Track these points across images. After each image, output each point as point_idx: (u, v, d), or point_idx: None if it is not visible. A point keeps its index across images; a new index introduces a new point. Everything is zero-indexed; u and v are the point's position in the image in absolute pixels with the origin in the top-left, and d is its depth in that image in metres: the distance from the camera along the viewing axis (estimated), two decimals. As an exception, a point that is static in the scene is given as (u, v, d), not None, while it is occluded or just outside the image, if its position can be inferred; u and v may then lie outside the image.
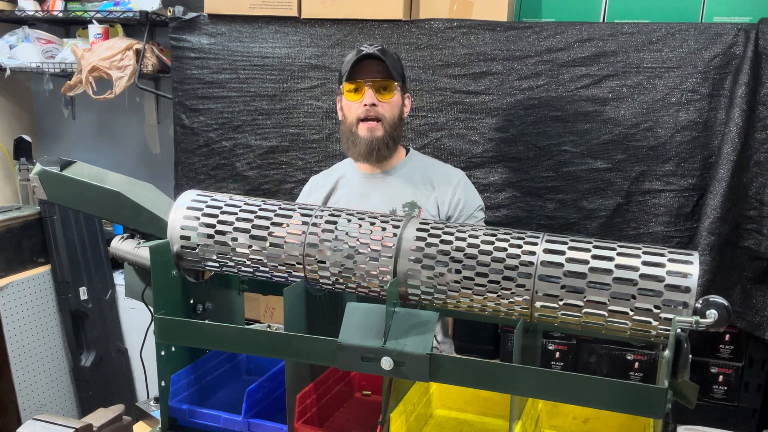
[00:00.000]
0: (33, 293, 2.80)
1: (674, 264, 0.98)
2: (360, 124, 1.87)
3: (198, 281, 1.33)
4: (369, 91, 1.85)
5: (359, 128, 1.88)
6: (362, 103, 1.86)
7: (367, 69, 1.86)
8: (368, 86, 1.85)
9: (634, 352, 2.32)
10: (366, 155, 1.90)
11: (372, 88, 1.85)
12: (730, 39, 2.11)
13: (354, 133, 1.89)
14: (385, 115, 1.87)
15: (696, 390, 0.94)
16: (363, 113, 1.86)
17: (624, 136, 2.24)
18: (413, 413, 1.24)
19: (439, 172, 1.99)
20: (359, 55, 1.86)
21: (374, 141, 1.87)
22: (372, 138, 1.87)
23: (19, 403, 2.73)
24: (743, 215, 2.13)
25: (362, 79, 1.86)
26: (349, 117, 1.90)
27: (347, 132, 1.92)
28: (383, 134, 1.88)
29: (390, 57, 1.89)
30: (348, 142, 1.93)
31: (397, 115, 1.91)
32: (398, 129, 1.92)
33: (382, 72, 1.86)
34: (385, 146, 1.89)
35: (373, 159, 1.91)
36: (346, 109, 1.92)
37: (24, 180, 3.20)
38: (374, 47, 1.88)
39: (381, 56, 1.85)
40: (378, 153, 1.89)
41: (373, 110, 1.86)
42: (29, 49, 3.09)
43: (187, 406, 1.28)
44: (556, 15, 2.43)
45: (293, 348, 1.11)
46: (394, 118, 1.90)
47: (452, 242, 1.09)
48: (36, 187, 1.33)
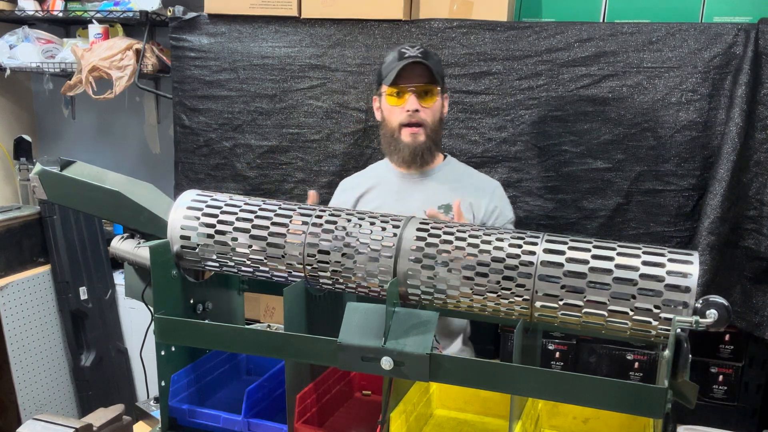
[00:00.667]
0: (33, 293, 2.80)
1: (674, 264, 0.98)
2: (403, 130, 1.86)
3: (198, 281, 1.33)
4: (412, 97, 1.83)
5: (402, 134, 1.86)
6: (405, 108, 1.84)
7: (410, 73, 1.83)
8: (411, 91, 1.83)
9: (634, 352, 2.32)
10: (410, 161, 1.90)
11: (415, 94, 1.83)
12: (730, 39, 2.11)
13: (396, 139, 1.88)
14: (428, 120, 1.85)
15: (696, 390, 0.94)
16: (406, 119, 1.84)
17: (624, 136, 2.24)
18: (413, 413, 1.24)
19: (476, 178, 1.99)
20: (404, 61, 1.82)
21: (417, 147, 1.87)
22: (415, 144, 1.86)
23: (19, 402, 2.73)
24: (743, 215, 2.13)
25: (405, 84, 1.83)
26: (391, 122, 1.88)
27: (389, 137, 1.91)
28: (426, 139, 1.87)
29: (432, 59, 1.86)
30: (390, 147, 1.92)
31: (438, 119, 1.90)
32: (439, 132, 1.92)
33: (425, 77, 1.83)
34: (428, 151, 1.89)
35: (417, 164, 1.91)
36: (387, 113, 1.90)
37: (24, 180, 3.20)
38: (416, 49, 1.84)
39: (424, 60, 1.82)
40: (421, 158, 1.90)
41: (416, 116, 1.84)
42: (29, 49, 3.09)
43: (187, 405, 1.28)
44: (556, 15, 2.43)
45: (293, 348, 1.11)
46: (436, 122, 1.88)
47: (452, 242, 1.09)
48: (36, 187, 1.33)
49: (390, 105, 1.87)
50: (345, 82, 2.50)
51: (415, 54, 1.83)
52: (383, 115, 1.93)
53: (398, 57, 1.85)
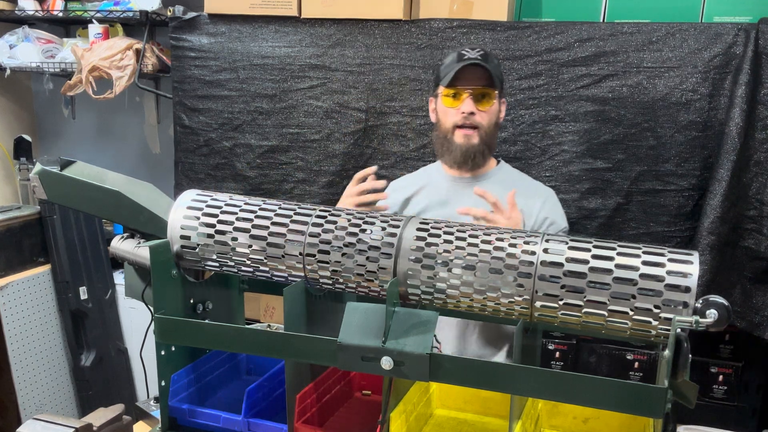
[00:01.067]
0: (33, 293, 2.80)
1: (674, 264, 0.98)
2: (456, 131, 1.84)
3: (198, 281, 1.33)
4: (468, 99, 1.80)
5: (455, 135, 1.84)
6: (460, 110, 1.81)
7: (468, 75, 1.80)
8: (468, 93, 1.81)
9: (634, 352, 2.32)
10: (461, 162, 1.87)
11: (471, 96, 1.81)
12: (730, 39, 2.11)
13: (449, 140, 1.86)
14: (483, 123, 1.83)
15: (696, 390, 0.94)
16: (460, 121, 1.82)
17: (624, 136, 2.24)
18: (413, 413, 1.24)
19: (528, 185, 1.95)
20: (462, 63, 1.80)
21: (470, 148, 1.84)
22: (468, 145, 1.84)
23: (19, 402, 2.73)
24: (743, 215, 2.13)
25: (462, 86, 1.81)
26: (445, 123, 1.86)
27: (442, 138, 1.88)
28: (479, 142, 1.84)
29: (492, 63, 1.83)
30: (442, 148, 1.89)
31: (494, 123, 1.87)
32: (494, 136, 1.89)
33: (483, 79, 1.80)
34: (481, 154, 1.86)
35: (468, 166, 1.88)
36: (441, 114, 1.88)
37: (24, 180, 3.20)
38: (476, 52, 1.82)
39: (484, 63, 1.79)
40: (473, 161, 1.87)
41: (471, 119, 1.81)
42: (29, 49, 3.09)
43: (187, 405, 1.28)
44: (556, 15, 2.43)
45: (293, 348, 1.11)
46: (491, 126, 1.85)
47: (452, 242, 1.09)
48: (36, 187, 1.33)
49: (445, 106, 1.84)
50: (345, 82, 2.50)
51: (474, 56, 1.80)
52: (438, 117, 1.90)
53: (457, 58, 1.82)
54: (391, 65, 2.44)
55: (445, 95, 1.84)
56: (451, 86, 1.81)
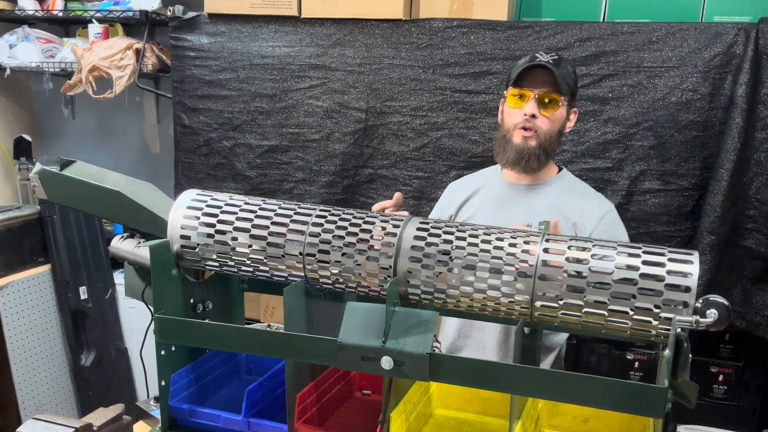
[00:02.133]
0: (33, 293, 2.80)
1: (674, 263, 0.98)
2: (516, 131, 1.79)
3: (198, 281, 1.33)
4: (532, 101, 1.76)
5: (514, 134, 1.80)
6: (523, 111, 1.77)
7: (535, 77, 1.76)
8: (532, 95, 1.76)
9: (634, 352, 2.32)
10: (514, 162, 1.81)
11: (536, 99, 1.76)
12: (731, 38, 2.11)
13: (507, 139, 1.81)
14: (543, 128, 1.77)
15: (696, 389, 0.94)
16: (521, 122, 1.78)
17: (624, 136, 2.24)
18: (413, 413, 1.24)
19: (587, 199, 1.87)
20: (530, 63, 1.76)
21: (525, 150, 1.78)
22: (524, 146, 1.78)
23: (19, 402, 2.73)
24: (743, 215, 2.13)
25: (528, 88, 1.77)
26: (507, 122, 1.82)
27: (501, 137, 1.84)
28: (536, 145, 1.78)
29: (563, 68, 1.77)
30: (499, 148, 1.85)
31: (557, 130, 1.80)
32: (554, 143, 1.82)
33: (549, 83, 1.75)
34: (536, 158, 1.79)
35: (520, 167, 1.82)
36: (506, 115, 1.84)
37: (24, 179, 3.20)
38: (550, 56, 1.78)
39: (552, 66, 1.75)
40: (527, 162, 1.80)
41: (532, 121, 1.77)
42: (29, 49, 3.09)
43: (187, 405, 1.28)
44: (556, 14, 2.43)
45: (293, 348, 1.11)
46: (553, 132, 1.79)
47: (452, 242, 1.09)
48: (36, 187, 1.33)
49: (510, 107, 1.81)
50: (345, 82, 2.50)
51: (546, 60, 1.76)
52: (502, 117, 1.86)
53: (528, 60, 1.79)
54: (391, 65, 2.44)
55: (511, 95, 1.80)
56: (517, 86, 1.78)
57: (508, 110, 1.82)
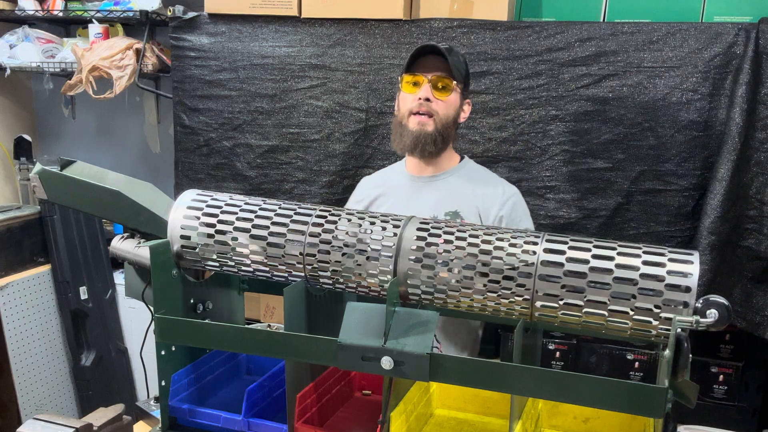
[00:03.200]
0: (33, 293, 2.80)
1: (674, 263, 0.98)
2: (411, 117, 1.81)
3: (198, 281, 1.33)
4: (426, 85, 1.78)
5: (409, 120, 1.81)
6: (417, 96, 1.79)
7: (428, 63, 1.78)
8: (426, 80, 1.78)
9: (634, 352, 2.32)
10: (411, 148, 1.83)
11: (430, 83, 1.78)
12: (731, 38, 2.11)
13: (403, 126, 1.83)
14: (439, 111, 1.80)
15: (696, 390, 0.94)
16: (416, 107, 1.79)
17: (624, 136, 2.23)
18: (413, 413, 1.24)
19: (489, 184, 1.90)
20: (421, 47, 1.78)
21: (422, 134, 1.80)
22: (420, 131, 1.79)
23: (20, 402, 2.73)
24: (743, 215, 2.13)
25: (421, 73, 1.79)
26: (402, 109, 1.84)
27: (397, 125, 1.85)
28: (433, 129, 1.80)
29: (454, 56, 1.80)
30: (396, 135, 1.86)
31: (452, 116, 1.83)
32: (450, 129, 1.84)
33: (443, 68, 1.78)
34: (433, 142, 1.81)
35: (417, 152, 1.83)
36: (401, 102, 1.85)
37: (24, 179, 3.20)
38: (441, 45, 1.81)
39: (444, 52, 1.77)
40: (423, 147, 1.81)
41: (427, 105, 1.78)
42: (29, 49, 3.09)
43: (187, 405, 1.28)
44: (556, 14, 2.43)
45: (293, 348, 1.11)
46: (448, 117, 1.82)
47: (452, 242, 1.09)
48: (36, 187, 1.33)
49: (404, 93, 1.82)
50: (345, 82, 2.50)
51: (435, 44, 1.79)
52: (398, 105, 1.88)
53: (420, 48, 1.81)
54: (391, 65, 2.44)
55: (406, 82, 1.82)
56: (410, 72, 1.80)
57: (403, 96, 1.84)
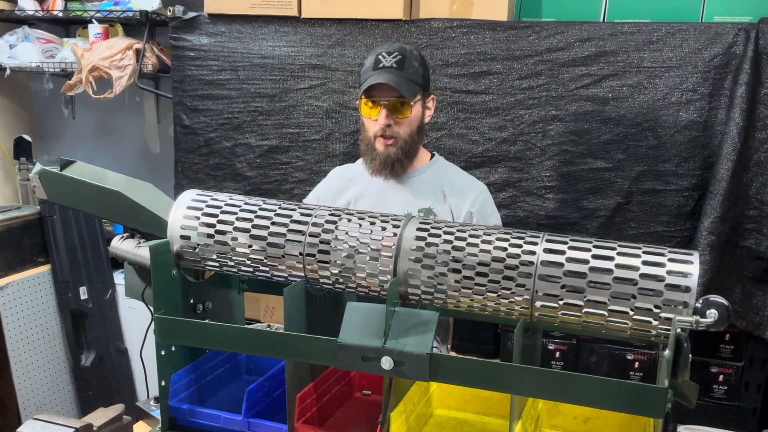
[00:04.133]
0: (33, 293, 2.80)
1: (674, 264, 0.98)
2: (377, 139, 1.85)
3: (198, 281, 1.33)
4: (383, 112, 1.80)
5: (376, 143, 1.86)
6: (378, 122, 1.82)
7: (382, 86, 1.78)
8: (383, 105, 1.79)
9: (634, 352, 2.32)
10: (380, 169, 1.89)
11: (387, 108, 1.80)
12: (731, 39, 2.11)
13: (371, 148, 1.88)
14: (400, 133, 1.83)
15: (696, 390, 0.94)
16: (379, 131, 1.83)
17: (624, 136, 2.23)
18: (413, 413, 1.24)
19: (459, 182, 1.94)
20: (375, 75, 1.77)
21: (389, 156, 1.85)
22: (387, 153, 1.85)
23: (19, 402, 2.73)
24: (743, 215, 2.13)
25: (377, 97, 1.80)
26: (369, 131, 1.87)
27: (365, 144, 1.91)
28: (397, 150, 1.85)
29: (408, 68, 1.79)
30: (365, 155, 1.92)
31: (415, 128, 1.86)
32: (415, 141, 1.88)
33: (397, 90, 1.78)
34: (399, 163, 1.87)
35: (387, 173, 1.89)
36: (365, 121, 1.89)
37: (24, 180, 3.20)
38: (393, 57, 1.79)
39: (397, 74, 1.76)
40: (392, 168, 1.88)
41: (388, 130, 1.82)
42: (29, 49, 3.09)
43: (187, 405, 1.28)
44: (556, 14, 2.43)
45: (293, 348, 1.11)
46: (411, 133, 1.85)
47: (452, 242, 1.09)
48: (36, 187, 1.33)
49: (365, 116, 1.86)
50: (345, 82, 2.50)
51: (389, 64, 1.78)
52: (362, 123, 1.91)
53: (373, 65, 1.80)
54: (391, 65, 2.44)
55: (363, 104, 1.83)
56: (367, 96, 1.81)
57: (365, 118, 1.87)
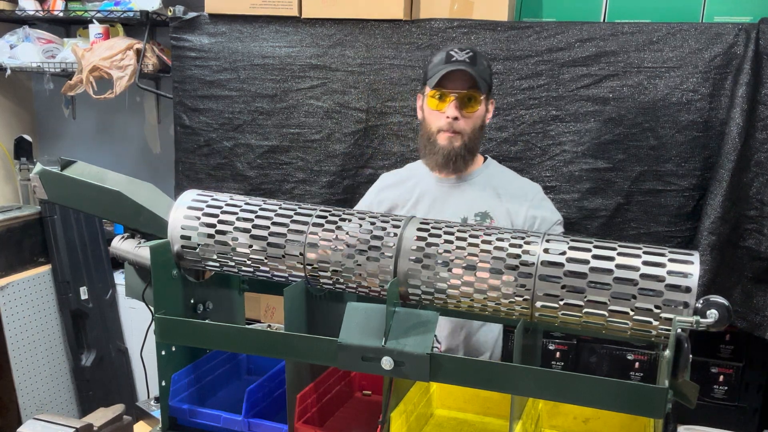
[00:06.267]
0: (33, 293, 2.80)
1: (675, 264, 0.98)
2: (440, 134, 1.82)
3: (198, 281, 1.33)
4: (453, 104, 1.77)
5: (439, 137, 1.82)
6: (445, 114, 1.79)
7: (454, 77, 1.76)
8: (453, 97, 1.77)
9: (634, 352, 2.32)
10: (443, 165, 1.85)
11: (456, 100, 1.77)
12: (731, 39, 2.11)
13: (433, 142, 1.84)
14: (466, 129, 1.80)
15: (696, 390, 0.94)
16: (445, 125, 1.80)
17: (624, 136, 2.23)
18: (413, 413, 1.24)
19: (515, 185, 1.92)
20: (449, 65, 1.76)
21: (452, 151, 1.82)
22: (450, 148, 1.81)
23: (20, 402, 2.73)
24: (744, 215, 2.13)
25: (448, 90, 1.78)
26: (430, 124, 1.84)
27: (426, 139, 1.87)
28: (461, 145, 1.82)
29: (480, 65, 1.79)
30: (425, 149, 1.88)
31: (478, 126, 1.84)
32: (478, 140, 1.86)
33: (469, 82, 1.76)
34: (462, 158, 1.84)
35: (449, 169, 1.87)
36: (427, 115, 1.85)
37: (24, 180, 3.20)
38: (465, 53, 1.78)
39: (470, 67, 1.76)
40: (455, 164, 1.84)
41: (455, 124, 1.79)
42: (30, 49, 3.09)
43: (187, 405, 1.28)
44: (556, 15, 2.43)
45: (293, 348, 1.11)
46: (475, 130, 1.83)
47: (452, 242, 1.09)
48: (36, 187, 1.33)
49: (431, 108, 1.82)
50: (345, 82, 2.50)
51: (462, 58, 1.77)
52: (424, 116, 1.88)
53: (445, 59, 1.79)
54: (391, 65, 2.44)
55: (431, 96, 1.81)
56: (437, 88, 1.78)
57: (430, 112, 1.84)
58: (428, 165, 1.91)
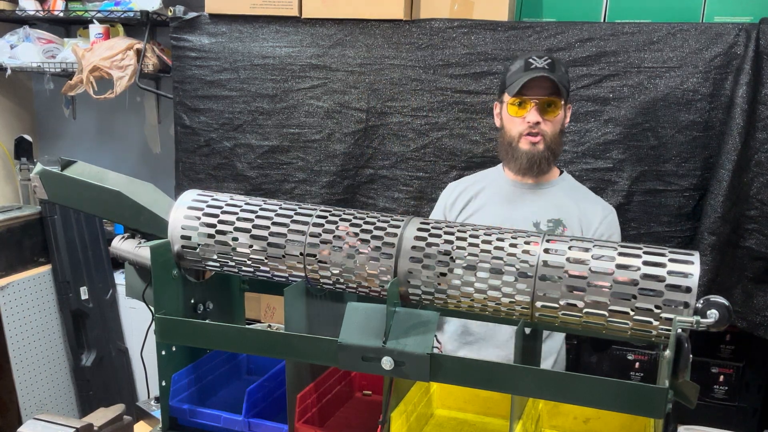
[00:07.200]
0: (34, 293, 2.80)
1: (675, 264, 0.98)
2: (522, 138, 1.84)
3: (198, 281, 1.33)
4: (534, 109, 1.80)
5: (521, 142, 1.84)
6: (526, 120, 1.81)
7: (533, 84, 1.79)
8: (534, 103, 1.80)
9: (634, 352, 2.32)
10: (527, 169, 1.87)
11: (537, 106, 1.80)
12: (731, 39, 2.10)
13: (515, 148, 1.86)
14: (548, 132, 1.83)
15: (697, 390, 0.94)
16: (526, 130, 1.82)
17: (625, 136, 2.23)
18: (414, 413, 1.24)
19: (590, 199, 1.94)
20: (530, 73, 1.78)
21: (536, 155, 1.84)
22: (534, 151, 1.83)
23: (20, 402, 2.73)
24: (744, 215, 2.13)
25: (529, 96, 1.80)
26: (511, 131, 1.86)
27: (507, 145, 1.89)
28: (544, 148, 1.84)
29: (559, 71, 1.82)
30: (507, 155, 1.90)
31: (558, 131, 1.86)
32: (559, 144, 1.89)
33: (549, 89, 1.79)
34: (546, 160, 1.86)
35: (533, 173, 1.88)
36: (507, 122, 1.87)
37: (25, 180, 3.20)
38: (544, 61, 1.81)
39: (550, 73, 1.78)
40: (538, 167, 1.86)
41: (537, 128, 1.81)
42: (30, 49, 3.09)
43: (187, 405, 1.28)
44: (556, 15, 2.43)
45: (294, 348, 1.11)
46: (556, 134, 1.85)
47: (453, 242, 1.09)
48: (37, 187, 1.33)
49: (511, 115, 1.85)
50: (346, 82, 2.50)
51: (541, 65, 1.80)
52: (503, 123, 1.90)
53: (524, 67, 1.81)
54: (391, 65, 2.44)
55: (511, 104, 1.83)
56: (518, 96, 1.80)
57: (509, 118, 1.86)
58: (512, 170, 1.93)
